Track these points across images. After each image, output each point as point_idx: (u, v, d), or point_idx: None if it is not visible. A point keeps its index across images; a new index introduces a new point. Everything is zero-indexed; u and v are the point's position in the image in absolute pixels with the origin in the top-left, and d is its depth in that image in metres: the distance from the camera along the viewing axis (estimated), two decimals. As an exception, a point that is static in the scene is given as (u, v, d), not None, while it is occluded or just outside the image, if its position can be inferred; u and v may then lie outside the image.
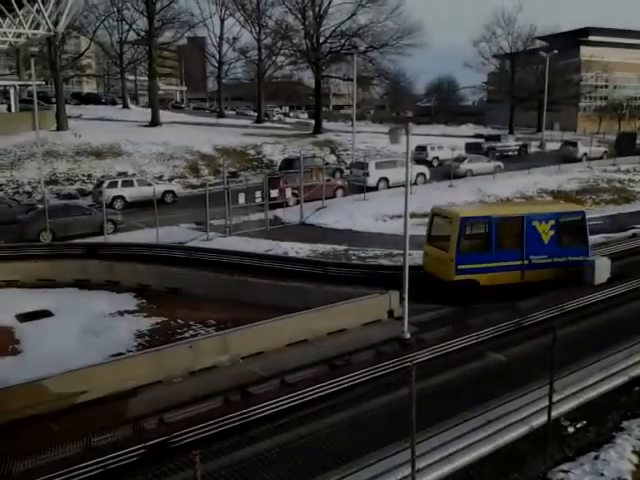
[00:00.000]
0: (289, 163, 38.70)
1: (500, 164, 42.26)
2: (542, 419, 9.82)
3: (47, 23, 21.22)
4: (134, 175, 38.47)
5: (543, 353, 10.12)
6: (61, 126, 49.89)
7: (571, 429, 10.57)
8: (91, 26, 66.22)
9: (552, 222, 18.02)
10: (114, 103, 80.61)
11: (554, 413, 9.72)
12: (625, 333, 13.90)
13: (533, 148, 55.80)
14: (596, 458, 9.81)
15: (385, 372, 12.07)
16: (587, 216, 19.23)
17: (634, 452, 9.95)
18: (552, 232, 17.97)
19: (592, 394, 11.25)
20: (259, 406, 10.57)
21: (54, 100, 55.58)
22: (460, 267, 17.41)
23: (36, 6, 20.58)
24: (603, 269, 18.21)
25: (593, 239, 24.61)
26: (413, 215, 27.01)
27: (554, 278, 17.48)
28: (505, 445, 9.69)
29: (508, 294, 16.71)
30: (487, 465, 9.42)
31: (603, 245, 22.62)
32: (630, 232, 25.62)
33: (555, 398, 9.73)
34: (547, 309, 15.42)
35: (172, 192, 35.80)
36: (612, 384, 11.70)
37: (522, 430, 9.97)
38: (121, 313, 17.25)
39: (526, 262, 17.83)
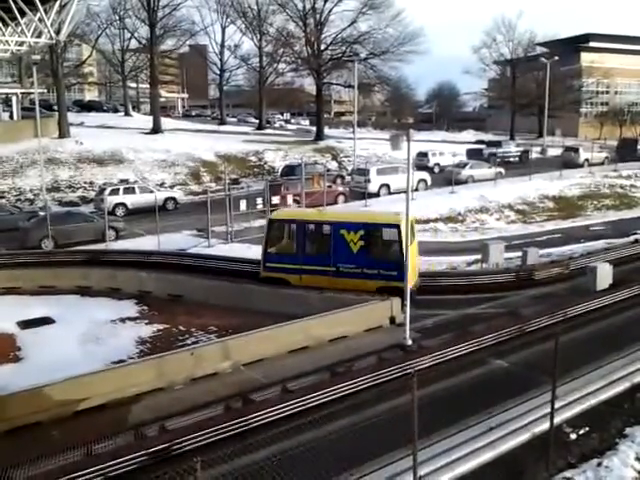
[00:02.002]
0: (290, 170, 38.76)
1: (501, 170, 42.28)
2: (544, 426, 9.78)
3: (49, 31, 21.37)
4: (136, 182, 38.45)
5: (545, 359, 10.09)
6: (63, 134, 50.00)
7: (573, 436, 10.52)
8: (93, 34, 66.67)
9: (362, 233, 17.60)
10: (116, 111, 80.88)
11: (556, 420, 9.68)
12: (627, 339, 13.89)
13: (534, 154, 55.75)
14: (599, 465, 9.75)
15: (387, 379, 12.05)
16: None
17: (637, 459, 9.90)
18: (362, 242, 17.58)
19: (594, 400, 11.24)
20: (260, 413, 10.56)
21: (56, 108, 55.73)
22: (268, 265, 18.44)
23: (38, 15, 20.72)
24: (605, 275, 18.21)
25: (595, 245, 24.79)
26: (415, 221, 27.05)
27: (364, 289, 17.01)
28: (507, 452, 9.67)
29: None
30: (489, 472, 9.37)
31: (605, 251, 22.61)
32: (632, 238, 25.60)
33: (557, 404, 9.69)
34: (549, 315, 15.39)
35: (174, 199, 35.82)
36: (614, 390, 11.68)
37: (524, 437, 9.96)
38: (123, 320, 17.23)
39: (333, 269, 17.77)
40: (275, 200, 30.18)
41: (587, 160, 49.13)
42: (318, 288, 17.45)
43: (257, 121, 77.34)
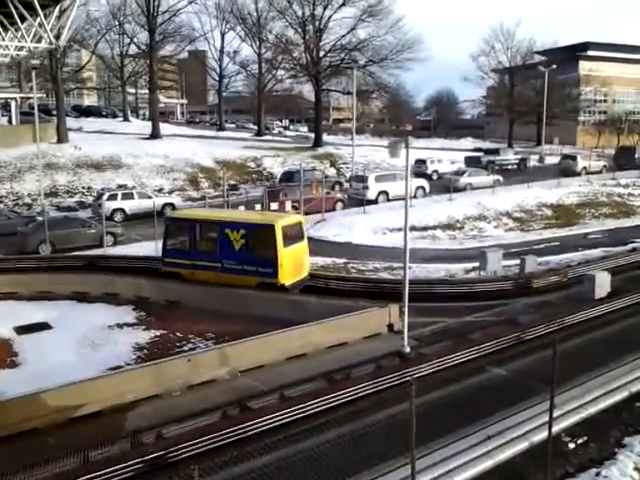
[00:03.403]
0: (289, 176, 38.82)
1: (499, 178, 42.37)
2: (542, 435, 9.75)
3: (49, 36, 21.40)
4: (134, 188, 38.50)
5: (543, 367, 10.07)
6: (61, 139, 49.97)
7: (572, 445, 10.51)
8: (92, 39, 66.73)
9: (243, 232, 18.79)
10: (115, 116, 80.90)
11: (555, 429, 9.64)
12: (626, 348, 13.88)
13: (532, 162, 55.87)
14: (597, 475, 9.74)
15: (385, 387, 12.02)
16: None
17: (636, 469, 9.89)
18: (243, 241, 18.75)
19: (593, 409, 11.21)
20: (258, 420, 10.51)
21: (55, 113, 55.75)
22: (166, 260, 19.94)
23: (38, 20, 20.74)
24: (603, 283, 18.21)
25: (593, 253, 24.81)
26: (413, 228, 27.13)
27: (245, 284, 18.28)
28: (505, 461, 9.64)
29: None
30: (487, 481, 9.35)
31: (603, 259, 22.64)
32: (630, 246, 25.63)
33: (556, 413, 9.66)
34: (547, 323, 15.38)
35: (172, 205, 35.69)
36: (613, 399, 11.66)
37: (522, 446, 9.93)
38: (120, 326, 17.18)
39: (219, 265, 18.97)
40: (274, 206, 30.21)
41: (585, 168, 49.22)
42: (315, 295, 17.50)
43: (256, 127, 77.51)
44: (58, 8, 21.25)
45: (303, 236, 19.77)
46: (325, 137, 68.16)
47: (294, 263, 18.75)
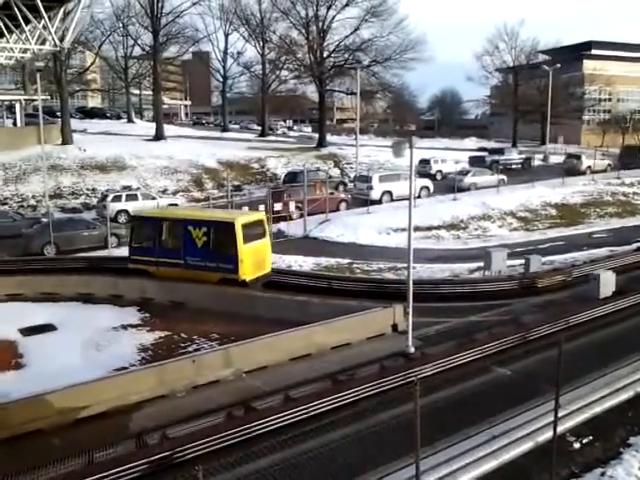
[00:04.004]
0: (293, 176, 38.82)
1: (504, 177, 42.29)
2: (547, 434, 9.73)
3: (53, 39, 21.42)
4: (138, 189, 38.57)
5: (548, 367, 10.06)
6: (66, 140, 50.11)
7: (577, 445, 10.47)
8: (96, 41, 66.79)
9: (204, 229, 19.34)
10: (119, 117, 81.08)
11: (560, 428, 9.62)
12: (631, 347, 13.84)
13: (537, 161, 55.79)
14: (603, 475, 9.71)
15: (389, 387, 12.01)
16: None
17: (641, 468, 9.85)
18: (205, 238, 19.32)
19: (598, 409, 11.19)
20: (263, 421, 10.52)
21: (59, 114, 55.91)
22: (133, 258, 20.62)
23: (42, 22, 20.78)
24: (608, 283, 18.15)
25: (598, 252, 24.74)
26: (417, 228, 27.11)
27: (208, 280, 18.97)
28: (510, 461, 9.62)
29: None
30: (492, 481, 9.34)
31: (608, 258, 22.57)
32: (635, 245, 25.53)
33: (561, 413, 9.63)
34: (552, 323, 15.35)
35: (176, 206, 35.82)
36: (618, 399, 11.63)
37: (527, 446, 9.91)
38: (125, 327, 17.19)
39: (183, 262, 19.59)
40: (277, 207, 30.23)
41: (589, 167, 49.10)
42: (319, 295, 17.54)
43: (260, 128, 77.51)
44: (62, 10, 21.27)
45: (265, 233, 20.34)
46: (329, 137, 68.18)
47: (255, 259, 19.39)
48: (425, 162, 47.39)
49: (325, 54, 61.44)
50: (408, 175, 14.86)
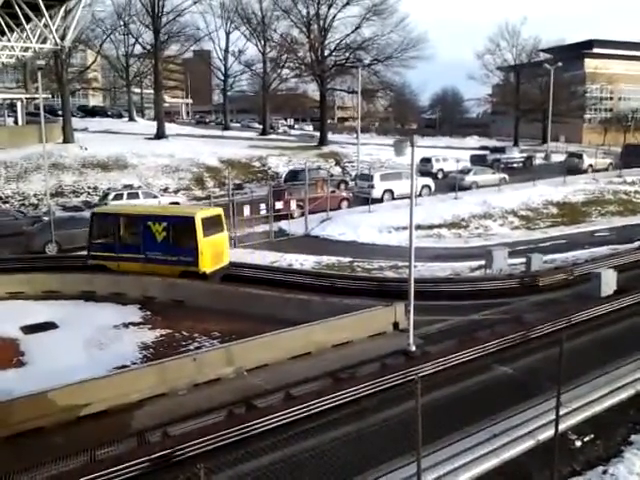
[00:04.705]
0: (294, 175, 38.80)
1: (505, 176, 42.26)
2: (549, 433, 9.73)
3: (54, 37, 21.43)
4: (140, 187, 38.61)
5: (550, 365, 10.05)
6: (67, 139, 50.15)
7: (579, 443, 10.47)
8: (98, 40, 66.80)
9: (165, 224, 20.24)
10: (120, 116, 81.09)
11: (561, 426, 9.61)
12: (632, 346, 13.82)
13: (538, 160, 55.74)
14: (604, 473, 9.70)
15: (390, 385, 12.01)
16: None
17: (643, 466, 9.84)
18: (165, 233, 20.19)
19: (599, 407, 11.18)
20: (263, 419, 10.52)
21: (60, 113, 55.93)
22: (92, 254, 21.21)
23: (44, 20, 20.79)
24: (609, 281, 18.14)
25: (599, 251, 24.72)
26: (418, 227, 27.07)
27: (169, 273, 19.83)
28: (511, 459, 9.61)
29: None
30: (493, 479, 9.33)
31: (609, 257, 22.54)
32: (636, 244, 25.51)
33: (562, 411, 9.63)
34: (553, 321, 15.33)
35: (177, 204, 35.83)
36: (619, 397, 11.62)
37: (529, 444, 9.90)
38: (126, 325, 17.22)
39: (143, 256, 20.39)
40: (279, 205, 30.20)
41: (591, 166, 49.06)
42: (320, 294, 17.56)
43: (261, 126, 77.53)
44: (63, 9, 21.27)
45: (223, 227, 21.34)
46: (330, 136, 68.15)
47: (214, 252, 20.37)
48: (426, 161, 47.37)
49: (326, 53, 61.43)
50: (409, 174, 14.84)
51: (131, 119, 74.64)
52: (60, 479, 9.11)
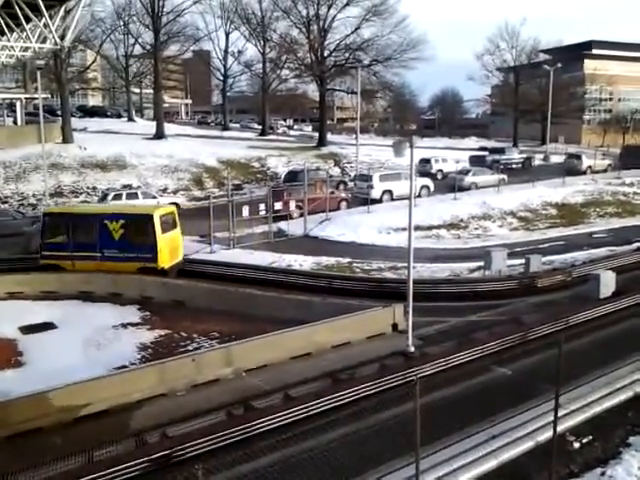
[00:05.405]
0: (293, 175, 38.79)
1: (504, 177, 42.27)
2: (547, 434, 9.74)
3: (54, 37, 21.41)
4: (139, 187, 38.62)
5: (548, 367, 10.06)
6: (66, 139, 50.10)
7: (577, 444, 10.47)
8: (97, 40, 66.64)
9: (122, 222, 20.70)
10: (119, 116, 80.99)
11: (559, 428, 9.63)
12: (631, 347, 13.83)
13: (537, 161, 55.78)
14: (603, 474, 9.71)
15: (389, 386, 12.02)
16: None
17: (641, 468, 9.85)
18: (122, 231, 20.66)
19: (598, 409, 11.19)
20: (262, 420, 10.52)
21: (60, 113, 55.89)
22: (45, 254, 21.33)
23: (43, 20, 20.76)
24: (608, 283, 18.15)
25: (598, 252, 24.73)
26: (417, 228, 27.09)
27: (127, 270, 20.26)
28: (510, 460, 9.62)
29: None
30: (492, 481, 9.34)
31: (608, 258, 22.55)
32: (635, 245, 25.52)
33: (561, 413, 9.64)
34: (552, 323, 15.35)
35: (176, 204, 35.71)
36: (618, 399, 11.63)
37: (527, 445, 9.91)
38: (125, 325, 17.21)
39: (99, 254, 20.75)
40: (278, 206, 30.17)
41: (590, 167, 49.12)
42: (320, 294, 17.60)
43: (260, 127, 77.50)
44: (63, 9, 21.24)
45: (176, 224, 22.07)
46: (329, 136, 68.16)
47: (170, 248, 21.09)
48: (426, 161, 47.37)
49: (326, 53, 61.44)
50: (409, 174, 14.85)
51: (130, 119, 74.54)
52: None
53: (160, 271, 20.51)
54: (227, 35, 72.43)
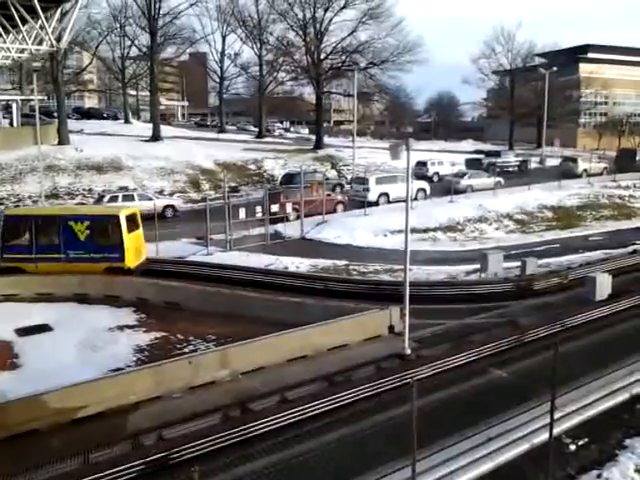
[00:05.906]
0: (290, 178, 38.80)
1: (500, 180, 42.31)
2: (544, 436, 9.76)
3: (50, 39, 21.39)
4: (135, 189, 38.54)
5: (544, 369, 10.07)
6: (63, 141, 50.04)
7: (573, 447, 10.49)
8: (93, 42, 66.64)
9: (88, 223, 20.78)
10: (116, 118, 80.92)
11: (556, 430, 9.63)
12: (627, 350, 13.87)
13: (533, 164, 55.88)
14: (598, 477, 9.72)
15: (386, 389, 12.02)
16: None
17: (637, 471, 9.88)
18: (88, 232, 20.70)
19: (594, 411, 11.23)
20: (259, 422, 10.53)
21: (56, 115, 55.78)
22: (6, 256, 21.00)
23: (39, 22, 20.74)
24: (604, 285, 18.21)
25: (594, 255, 24.80)
26: (414, 230, 27.11)
27: (93, 270, 20.30)
28: (506, 463, 9.63)
29: None
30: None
31: (604, 261, 22.62)
32: (631, 248, 25.61)
33: (557, 415, 9.66)
34: (548, 325, 15.38)
35: (173, 207, 35.79)
36: (614, 401, 11.68)
37: (523, 447, 9.94)
38: (120, 328, 17.17)
39: (64, 255, 20.65)
40: (274, 208, 30.16)
41: (586, 170, 49.19)
42: (316, 297, 17.63)
43: (257, 129, 77.50)
44: (59, 11, 21.21)
45: (139, 225, 22.28)
46: (326, 139, 68.19)
47: (135, 248, 21.37)
48: (422, 164, 47.41)
49: (322, 56, 61.49)
50: (405, 177, 14.87)
51: (127, 121, 74.47)
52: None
53: (126, 271, 20.72)
54: (223, 37, 72.59)
